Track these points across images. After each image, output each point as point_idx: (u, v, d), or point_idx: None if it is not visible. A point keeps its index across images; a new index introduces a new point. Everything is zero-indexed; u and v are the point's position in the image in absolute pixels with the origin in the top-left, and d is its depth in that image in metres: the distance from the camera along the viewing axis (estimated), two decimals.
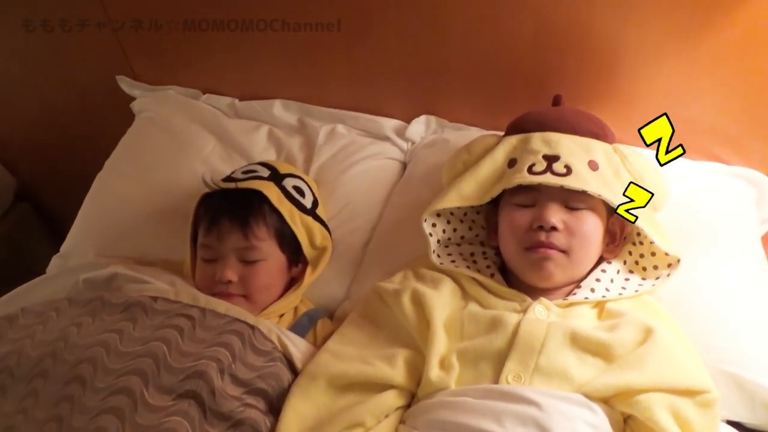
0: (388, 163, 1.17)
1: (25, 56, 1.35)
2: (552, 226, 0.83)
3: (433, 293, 0.85)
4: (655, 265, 0.89)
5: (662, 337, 0.77)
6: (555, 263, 0.84)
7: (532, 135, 0.90)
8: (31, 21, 1.22)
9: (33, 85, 1.40)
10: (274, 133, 1.22)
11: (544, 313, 0.83)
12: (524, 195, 0.87)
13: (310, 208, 1.02)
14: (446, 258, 0.94)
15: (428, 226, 0.94)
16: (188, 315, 0.86)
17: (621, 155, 0.90)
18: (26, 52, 1.35)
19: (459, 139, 1.12)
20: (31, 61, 1.36)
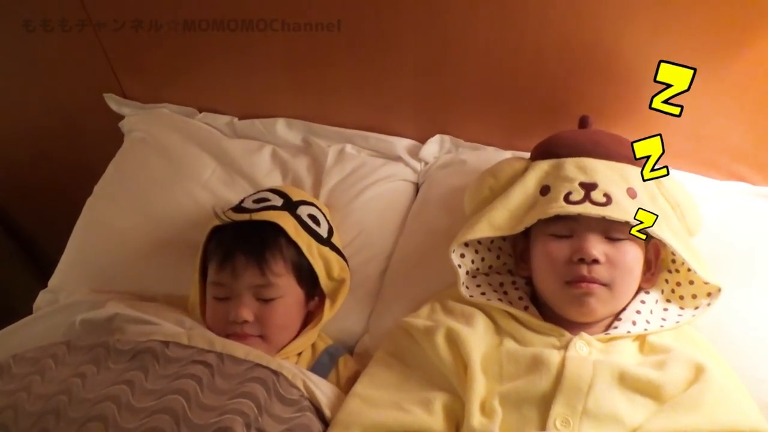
0: (402, 185, 1.12)
1: (2, 70, 1.25)
2: (594, 259, 0.79)
3: (468, 331, 0.80)
4: (693, 294, 0.86)
5: (714, 375, 0.74)
6: (597, 298, 0.80)
7: (565, 161, 0.86)
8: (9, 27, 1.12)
9: (12, 103, 1.30)
10: (278, 154, 1.15)
11: (586, 349, 0.79)
12: (561, 225, 0.83)
13: (327, 238, 0.96)
14: (476, 290, 0.89)
15: (456, 256, 0.89)
16: (205, 362, 0.79)
17: (656, 180, 0.87)
18: (3, 65, 1.25)
19: (476, 160, 1.07)
20: (9, 77, 1.26)
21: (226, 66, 1.16)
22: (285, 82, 1.16)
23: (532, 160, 0.92)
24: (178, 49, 1.15)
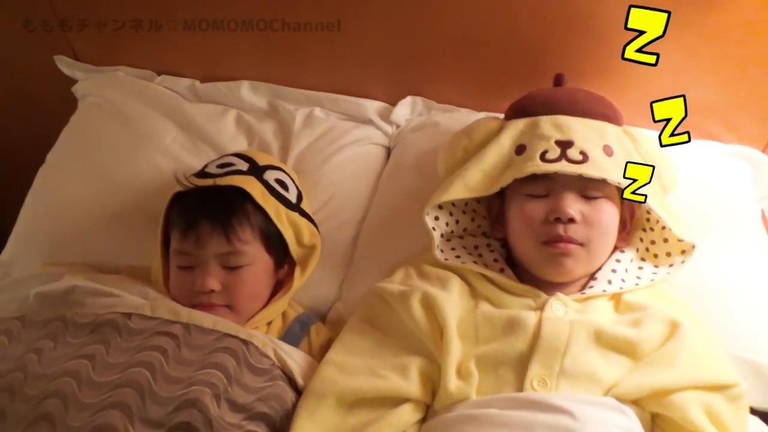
0: (373, 149, 1.08)
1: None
2: (570, 218, 0.78)
3: (443, 295, 0.79)
4: (667, 252, 0.85)
5: (688, 330, 0.74)
6: (574, 258, 0.79)
7: (540, 119, 0.84)
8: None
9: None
10: (243, 119, 1.10)
11: (562, 309, 0.78)
12: (536, 184, 0.81)
13: (296, 203, 0.92)
14: (450, 253, 0.87)
15: (430, 219, 0.87)
16: (170, 333, 0.75)
17: (631, 138, 0.86)
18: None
19: (450, 122, 1.04)
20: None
21: (185, 26, 1.09)
22: (249, 43, 1.10)
23: (507, 119, 0.89)
24: (134, 6, 1.08)
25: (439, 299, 0.77)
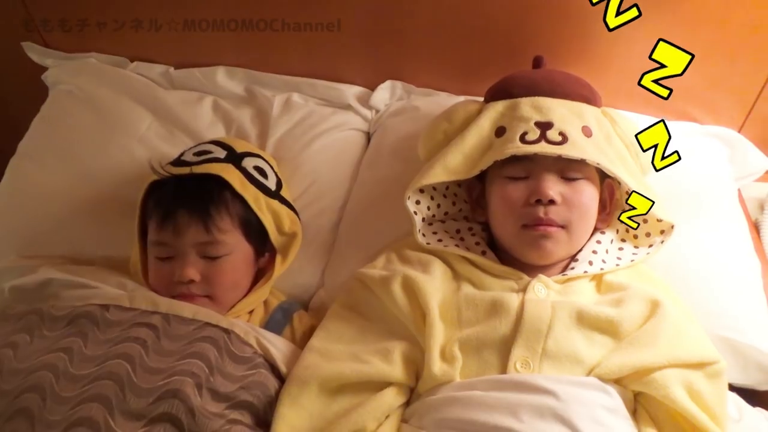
0: (352, 135, 1.07)
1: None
2: (550, 200, 0.78)
3: (425, 278, 0.78)
4: (647, 232, 0.86)
5: (669, 309, 0.75)
6: (555, 241, 0.79)
7: (520, 100, 0.84)
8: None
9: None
10: (220, 105, 1.09)
11: (544, 291, 0.78)
12: (516, 166, 0.81)
13: (275, 191, 0.91)
14: (432, 237, 0.87)
15: (411, 203, 0.86)
16: (149, 324, 0.74)
17: (610, 119, 0.86)
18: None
19: (430, 106, 1.04)
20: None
21: (159, 9, 1.06)
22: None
23: (486, 102, 0.89)
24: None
25: (420, 282, 0.77)
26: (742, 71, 1.01)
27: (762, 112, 1.03)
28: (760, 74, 1.01)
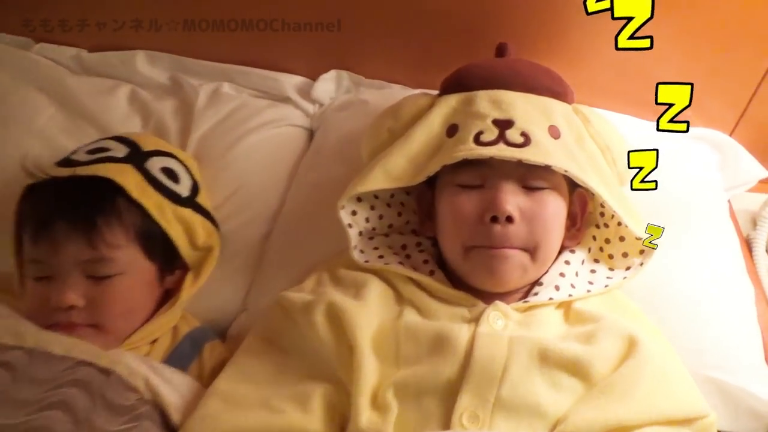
0: (291, 132, 0.93)
1: None
2: (508, 216, 0.64)
3: (355, 305, 0.65)
4: (624, 252, 0.73)
5: (648, 348, 0.62)
6: (513, 265, 0.66)
7: (476, 94, 0.70)
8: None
9: None
10: (138, 95, 0.94)
11: (501, 322, 0.65)
12: (470, 172, 0.68)
13: (188, 197, 0.77)
14: (372, 253, 0.73)
15: (346, 214, 0.73)
16: (6, 363, 0.59)
17: (583, 118, 0.73)
18: None
19: (380, 99, 0.90)
20: None
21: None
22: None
23: (440, 95, 0.75)
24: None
25: (349, 310, 0.63)
26: (735, 68, 0.89)
27: (756, 113, 0.91)
28: (754, 72, 0.89)
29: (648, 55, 0.86)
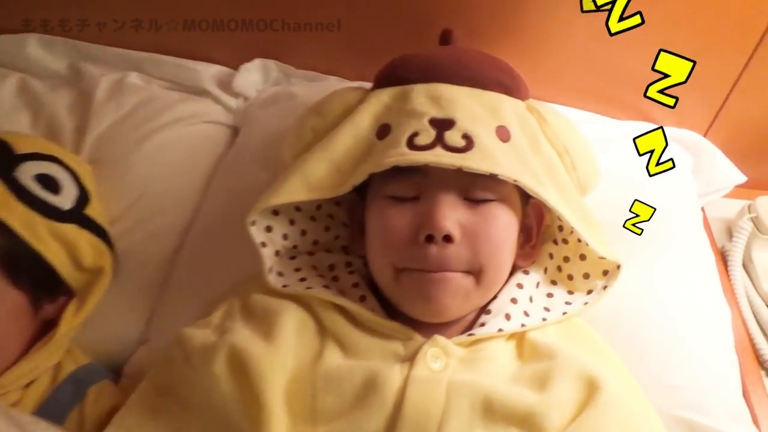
0: (208, 130, 0.81)
1: None
2: (446, 235, 0.53)
3: (263, 348, 0.53)
4: (585, 272, 0.63)
5: (611, 394, 0.52)
6: (452, 291, 0.55)
7: (412, 88, 0.59)
8: None
9: None
10: (28, 86, 0.81)
11: (441, 361, 0.54)
12: (402, 182, 0.57)
13: (72, 209, 0.64)
14: (293, 276, 0.62)
15: (259, 231, 0.61)
16: None
17: (539, 117, 0.62)
18: None
19: (312, 93, 0.78)
20: None
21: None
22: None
23: (373, 89, 0.64)
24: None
25: (255, 357, 0.52)
26: (710, 62, 0.79)
27: (733, 112, 0.82)
28: (732, 66, 0.79)
29: (617, 47, 0.77)
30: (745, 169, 0.82)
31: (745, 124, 0.83)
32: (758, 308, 0.74)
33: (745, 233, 0.78)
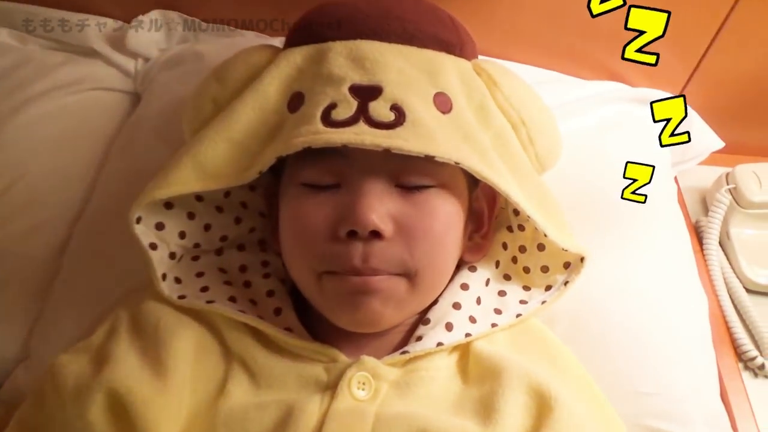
0: (101, 99, 0.68)
1: None
2: (374, 231, 0.43)
3: (149, 386, 0.43)
4: (544, 265, 0.53)
5: (568, 415, 0.44)
6: (384, 299, 0.45)
7: (328, 46, 0.47)
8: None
9: None
10: None
11: (369, 386, 0.45)
12: (318, 167, 0.46)
13: None
14: (193, 283, 0.51)
15: (148, 230, 0.50)
16: None
17: (488, 80, 0.51)
18: None
19: (223, 52, 0.62)
20: None
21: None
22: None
23: (285, 47, 0.51)
24: None
25: (140, 400, 0.42)
26: (687, 14, 0.69)
27: (711, 70, 0.72)
28: (711, 19, 0.69)
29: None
30: (722, 134, 0.73)
31: (723, 84, 0.73)
32: (736, 292, 0.66)
33: (723, 207, 0.69)
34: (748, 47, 0.70)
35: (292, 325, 0.49)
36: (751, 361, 0.61)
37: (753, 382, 0.61)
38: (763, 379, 0.62)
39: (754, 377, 0.62)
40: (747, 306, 0.65)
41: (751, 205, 0.68)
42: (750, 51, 0.70)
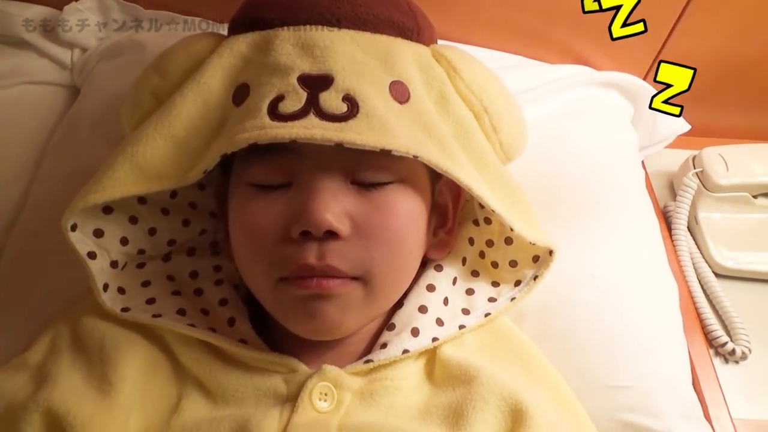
0: (34, 94, 0.64)
1: None
2: (329, 230, 0.40)
3: (93, 407, 0.40)
4: (512, 260, 0.51)
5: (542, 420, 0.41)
6: (342, 303, 0.42)
7: (276, 33, 0.44)
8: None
9: None
10: None
11: (331, 397, 0.42)
12: (266, 165, 0.43)
13: None
14: (138, 294, 0.47)
15: (85, 237, 0.45)
16: None
17: (448, 67, 0.48)
18: None
19: (165, 41, 0.59)
20: None
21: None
22: None
23: (229, 35, 0.48)
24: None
25: (81, 422, 0.39)
26: None
27: (677, 50, 0.70)
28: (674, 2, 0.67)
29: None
30: (688, 117, 0.72)
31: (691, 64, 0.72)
32: (705, 277, 0.65)
33: (690, 191, 0.68)
34: (712, 29, 0.69)
35: (246, 336, 0.45)
36: (722, 347, 0.61)
37: (724, 369, 0.61)
38: (733, 365, 0.61)
39: (725, 363, 0.62)
40: (717, 291, 0.64)
41: (719, 189, 0.67)
42: (714, 33, 0.69)
